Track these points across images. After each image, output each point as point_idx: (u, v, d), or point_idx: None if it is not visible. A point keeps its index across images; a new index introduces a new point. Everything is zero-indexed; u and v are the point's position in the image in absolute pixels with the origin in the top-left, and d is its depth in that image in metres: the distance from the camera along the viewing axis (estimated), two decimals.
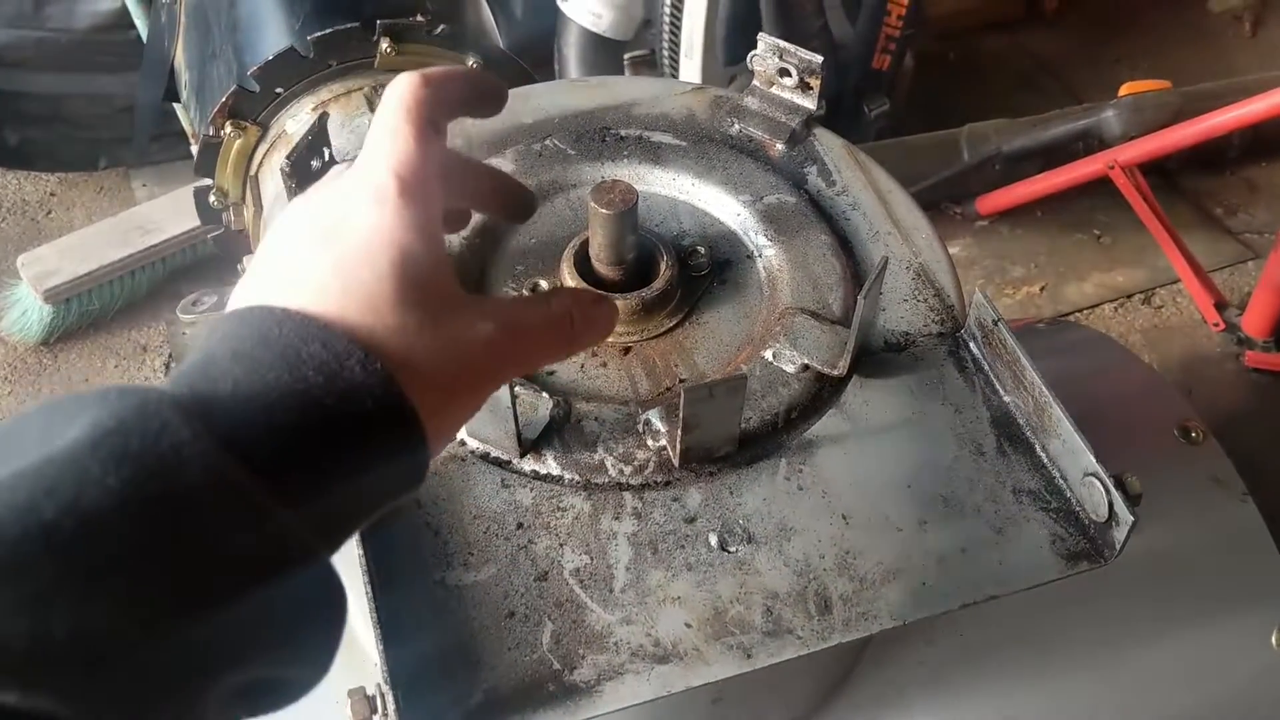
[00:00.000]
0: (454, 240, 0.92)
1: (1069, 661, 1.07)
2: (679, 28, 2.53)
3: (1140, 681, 1.08)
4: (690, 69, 2.55)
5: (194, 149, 1.21)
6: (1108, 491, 0.74)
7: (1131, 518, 0.73)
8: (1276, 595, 1.11)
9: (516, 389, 0.82)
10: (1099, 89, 3.01)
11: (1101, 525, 0.76)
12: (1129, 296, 2.62)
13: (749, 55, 1.03)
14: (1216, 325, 2.41)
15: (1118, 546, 0.75)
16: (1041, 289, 2.63)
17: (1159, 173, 2.71)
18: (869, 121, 2.60)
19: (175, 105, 1.54)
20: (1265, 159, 2.94)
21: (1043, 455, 0.82)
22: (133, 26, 2.21)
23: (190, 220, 1.78)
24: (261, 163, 1.15)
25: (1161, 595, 1.11)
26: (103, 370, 2.52)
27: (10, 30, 2.54)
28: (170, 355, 2.53)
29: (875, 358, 0.88)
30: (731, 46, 2.49)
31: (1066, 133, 2.67)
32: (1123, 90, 2.74)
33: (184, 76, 1.41)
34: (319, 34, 1.08)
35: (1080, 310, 2.58)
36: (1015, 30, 3.40)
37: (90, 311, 2.53)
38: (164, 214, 2.49)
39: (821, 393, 0.85)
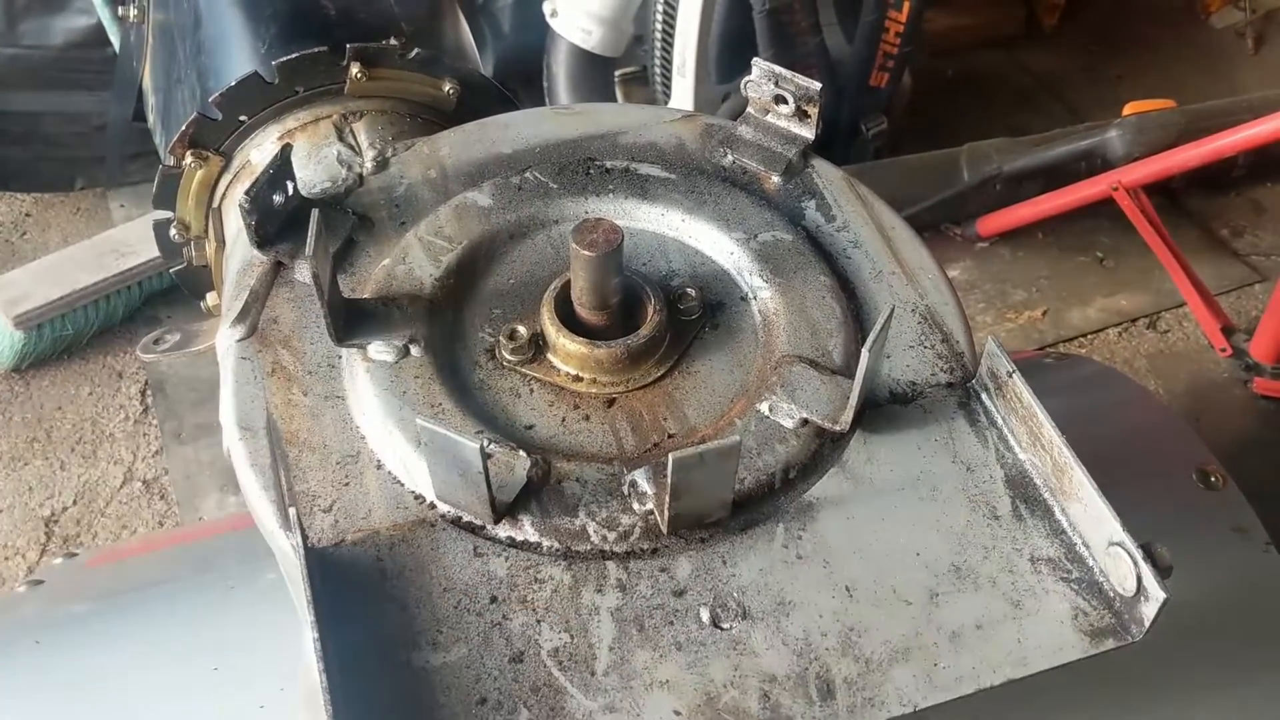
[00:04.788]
0: (426, 281, 0.86)
1: None
2: (671, 45, 2.48)
3: None
4: (683, 87, 2.50)
5: None
6: (1136, 564, 0.68)
7: (1163, 594, 0.67)
8: None
9: (490, 446, 0.76)
10: (1100, 107, 2.97)
11: (1129, 599, 0.70)
12: (1134, 321, 2.57)
13: (743, 81, 0.97)
14: (1224, 351, 2.36)
15: (1146, 624, 0.69)
16: (1044, 313, 2.57)
17: (1162, 193, 2.67)
18: (866, 141, 2.55)
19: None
20: (1271, 179, 2.90)
21: (1062, 519, 0.76)
22: (109, 44, 2.15)
23: None
24: (225, 195, 1.09)
25: (1185, 654, 1.04)
26: (76, 397, 2.46)
27: None
28: (146, 383, 2.47)
29: (880, 411, 0.82)
30: (725, 65, 2.45)
31: (1069, 153, 2.62)
32: (1126, 109, 2.69)
33: (150, 100, 1.34)
34: (285, 59, 1.02)
35: (1084, 335, 2.53)
36: (1014, 47, 3.36)
37: (64, 337, 2.48)
38: (140, 236, 2.45)
39: (822, 450, 0.79)
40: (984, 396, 0.82)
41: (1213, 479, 1.15)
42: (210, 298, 1.20)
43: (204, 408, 2.41)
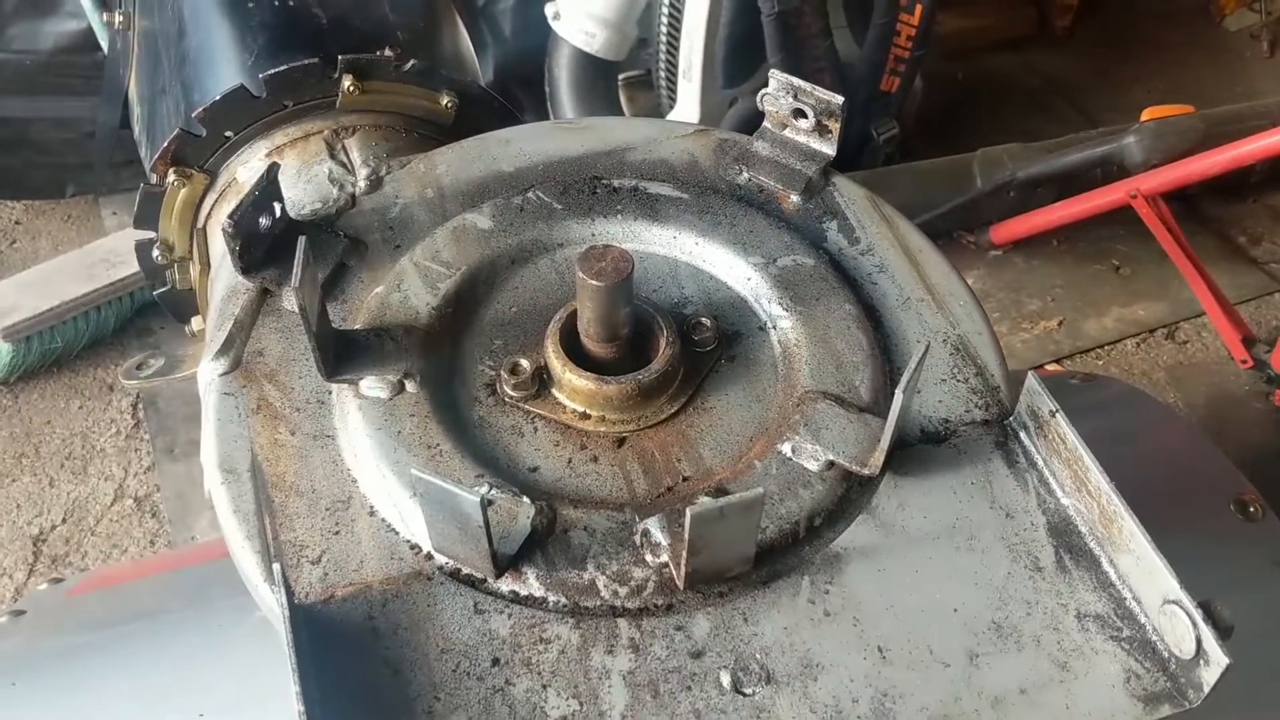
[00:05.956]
0: (422, 311, 0.81)
1: None
2: (676, 47, 2.43)
3: None
4: (688, 91, 2.44)
5: None
6: (1195, 625, 0.63)
7: (1226, 660, 0.61)
8: None
9: (491, 493, 0.70)
10: (1113, 110, 2.92)
11: (1186, 662, 0.64)
12: (1151, 331, 2.51)
13: (760, 93, 0.92)
14: (1244, 362, 2.30)
15: (1207, 690, 0.64)
16: (1059, 323, 2.51)
17: (1179, 199, 2.61)
18: (878, 146, 2.50)
19: None
20: None
21: (1110, 571, 0.70)
22: (99, 48, 2.10)
23: None
24: (210, 214, 1.03)
25: (1227, 696, 0.99)
26: (66, 411, 2.41)
27: None
28: (138, 397, 2.41)
29: (911, 451, 0.76)
30: (732, 68, 2.39)
31: (1085, 159, 2.56)
32: (1144, 115, 2.63)
33: (136, 110, 1.29)
34: (273, 71, 0.96)
35: (1101, 346, 2.47)
36: (1026, 49, 3.31)
37: (52, 350, 2.43)
38: (132, 246, 2.39)
39: (849, 495, 0.73)
40: (1023, 435, 0.76)
41: (1251, 509, 1.10)
42: (195, 322, 1.15)
43: (198, 422, 2.33)
